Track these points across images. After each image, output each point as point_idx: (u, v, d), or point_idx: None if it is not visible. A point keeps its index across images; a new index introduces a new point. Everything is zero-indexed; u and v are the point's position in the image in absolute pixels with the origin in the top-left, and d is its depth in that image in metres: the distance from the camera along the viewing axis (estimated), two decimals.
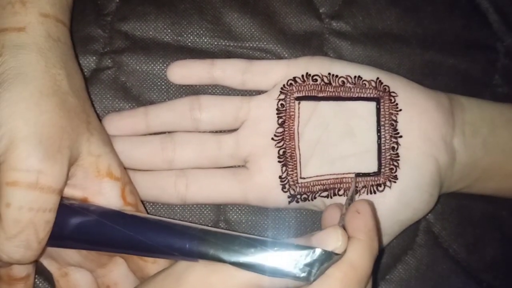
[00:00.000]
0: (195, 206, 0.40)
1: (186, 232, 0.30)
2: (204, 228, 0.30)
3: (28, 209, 0.29)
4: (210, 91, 0.41)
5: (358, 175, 0.37)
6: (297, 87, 0.38)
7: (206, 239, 0.29)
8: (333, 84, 0.38)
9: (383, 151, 0.37)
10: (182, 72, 0.39)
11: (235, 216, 0.41)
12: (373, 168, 0.37)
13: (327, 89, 0.38)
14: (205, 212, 0.40)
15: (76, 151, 0.32)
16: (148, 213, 0.38)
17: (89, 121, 0.34)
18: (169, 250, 0.30)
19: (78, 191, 0.33)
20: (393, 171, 0.37)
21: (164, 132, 0.39)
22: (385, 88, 0.38)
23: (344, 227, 0.29)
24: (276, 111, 0.38)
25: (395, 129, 0.37)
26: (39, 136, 0.29)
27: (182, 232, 0.30)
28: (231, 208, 0.41)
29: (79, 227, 0.32)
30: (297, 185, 0.38)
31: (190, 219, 0.40)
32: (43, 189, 0.29)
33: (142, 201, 0.37)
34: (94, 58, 0.40)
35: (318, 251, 0.27)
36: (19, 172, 0.29)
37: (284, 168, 0.38)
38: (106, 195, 0.33)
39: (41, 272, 0.38)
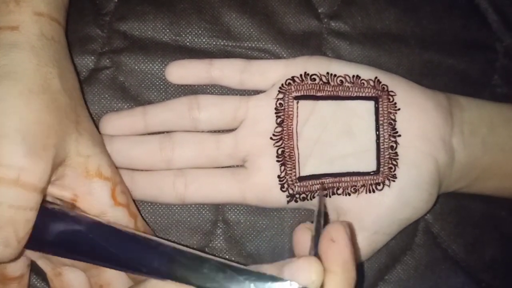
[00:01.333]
0: (193, 206, 0.40)
1: (158, 249, 0.29)
2: (178, 247, 0.29)
3: (8, 206, 0.28)
4: (208, 91, 0.41)
5: (323, 186, 0.37)
6: (295, 87, 0.38)
7: (176, 259, 0.28)
8: (332, 83, 0.38)
9: (382, 150, 0.37)
10: (181, 72, 0.39)
11: (233, 216, 0.40)
12: (372, 167, 0.37)
13: (326, 89, 0.38)
14: (203, 212, 0.40)
15: (63, 151, 0.32)
16: (141, 213, 0.38)
17: (79, 121, 0.34)
18: (137, 265, 0.29)
19: (68, 192, 0.33)
20: (392, 170, 0.37)
21: (163, 132, 0.39)
22: (383, 87, 0.38)
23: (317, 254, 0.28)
24: (275, 111, 0.38)
25: (393, 128, 0.37)
26: (23, 132, 0.29)
27: (153, 248, 0.29)
28: (229, 208, 0.40)
29: (55, 233, 0.31)
30: (295, 184, 0.38)
31: (189, 219, 0.40)
32: (25, 187, 0.29)
33: (134, 202, 0.37)
34: (93, 58, 0.40)
35: (293, 286, 0.26)
36: (0, 168, 0.28)
37: (282, 168, 0.38)
38: (96, 195, 0.33)
39: (38, 271, 0.38)
